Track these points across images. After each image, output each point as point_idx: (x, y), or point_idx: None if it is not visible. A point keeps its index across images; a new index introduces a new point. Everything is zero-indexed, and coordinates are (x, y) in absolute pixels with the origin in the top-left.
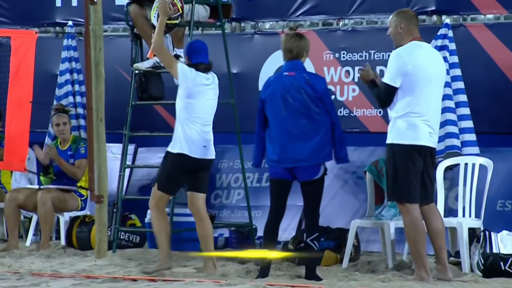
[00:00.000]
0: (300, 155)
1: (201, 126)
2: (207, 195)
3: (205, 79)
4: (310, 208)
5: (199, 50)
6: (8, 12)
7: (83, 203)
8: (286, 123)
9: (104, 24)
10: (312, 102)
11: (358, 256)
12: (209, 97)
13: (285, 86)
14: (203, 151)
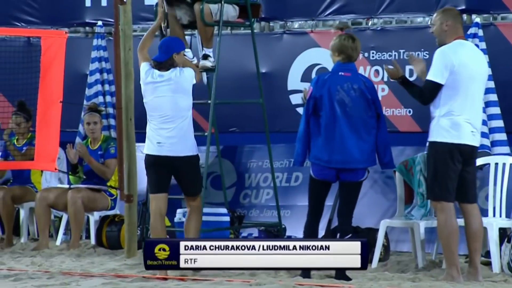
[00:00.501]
0: (352, 157)
1: (158, 123)
2: (236, 195)
3: (158, 77)
4: (346, 209)
5: (159, 48)
6: (38, 12)
7: (113, 202)
8: (340, 123)
9: (134, 24)
10: (367, 104)
11: (387, 256)
12: (160, 94)
13: (342, 86)
14: (157, 148)
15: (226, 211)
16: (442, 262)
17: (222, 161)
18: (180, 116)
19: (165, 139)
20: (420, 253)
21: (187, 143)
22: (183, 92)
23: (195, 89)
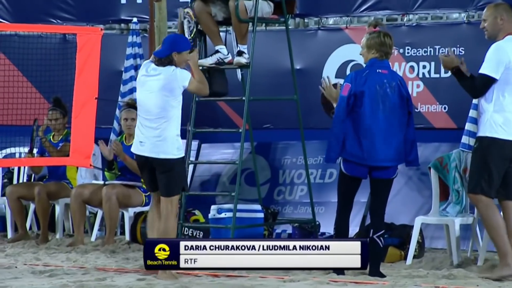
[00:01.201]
0: (388, 155)
1: (142, 119)
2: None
3: (152, 70)
4: (378, 205)
5: (163, 43)
6: (74, 9)
7: (147, 198)
8: (379, 121)
9: (168, 20)
10: (402, 102)
11: (422, 253)
12: (148, 89)
13: (381, 84)
14: (139, 147)
15: (260, 208)
16: (477, 259)
17: (256, 157)
18: (163, 116)
19: (146, 139)
20: (455, 250)
21: (167, 146)
22: (170, 91)
23: (230, 85)
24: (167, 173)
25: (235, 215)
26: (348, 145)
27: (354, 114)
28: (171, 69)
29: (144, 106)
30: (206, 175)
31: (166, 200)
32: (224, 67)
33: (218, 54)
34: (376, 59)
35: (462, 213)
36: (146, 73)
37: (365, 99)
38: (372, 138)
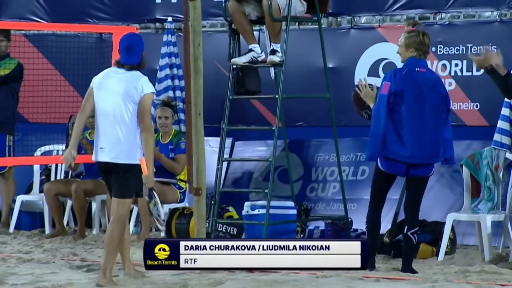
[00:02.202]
0: (427, 153)
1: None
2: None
3: (112, 72)
4: (413, 203)
5: (127, 49)
6: (110, 9)
7: (182, 195)
8: (419, 119)
9: (203, 20)
10: (442, 100)
11: (454, 249)
12: (112, 86)
13: (420, 82)
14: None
15: (293, 204)
16: (509, 256)
17: (289, 155)
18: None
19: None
20: (486, 246)
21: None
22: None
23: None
24: (117, 174)
25: (268, 211)
26: (389, 143)
27: (394, 113)
28: (130, 73)
29: (103, 107)
30: (240, 172)
31: (115, 200)
32: (257, 65)
33: (251, 53)
34: (414, 58)
35: (493, 210)
36: (109, 75)
37: (405, 97)
38: (413, 136)
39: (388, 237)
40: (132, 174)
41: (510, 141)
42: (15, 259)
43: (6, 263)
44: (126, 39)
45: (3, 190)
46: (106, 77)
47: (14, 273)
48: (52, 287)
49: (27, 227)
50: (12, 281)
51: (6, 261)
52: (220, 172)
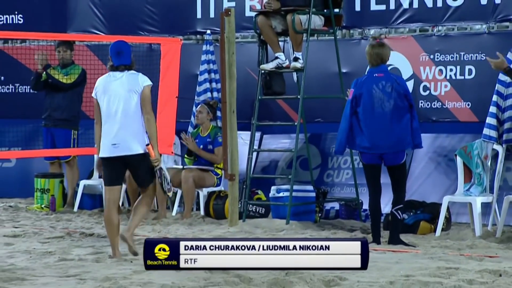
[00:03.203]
0: (389, 143)
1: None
2: (320, 174)
3: (111, 76)
4: (396, 187)
5: (118, 53)
6: (158, 23)
7: (219, 180)
8: (376, 116)
9: (236, 32)
10: (399, 98)
11: (449, 226)
12: (116, 89)
13: (377, 85)
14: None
15: (312, 188)
16: (496, 232)
17: (309, 146)
18: (125, 113)
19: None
20: (477, 224)
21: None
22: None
23: (287, 86)
24: (138, 167)
25: (291, 194)
26: (356, 138)
27: (357, 113)
28: (129, 73)
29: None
30: (267, 161)
31: (144, 190)
32: (282, 71)
33: (277, 60)
34: (372, 67)
35: (483, 193)
36: (110, 80)
37: (363, 99)
38: (372, 131)
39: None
40: (146, 161)
41: (497, 134)
42: (78, 234)
43: (71, 237)
44: (115, 46)
45: (68, 176)
46: (108, 83)
47: (78, 245)
48: (109, 257)
49: (88, 207)
50: (76, 252)
51: (71, 236)
52: (250, 161)
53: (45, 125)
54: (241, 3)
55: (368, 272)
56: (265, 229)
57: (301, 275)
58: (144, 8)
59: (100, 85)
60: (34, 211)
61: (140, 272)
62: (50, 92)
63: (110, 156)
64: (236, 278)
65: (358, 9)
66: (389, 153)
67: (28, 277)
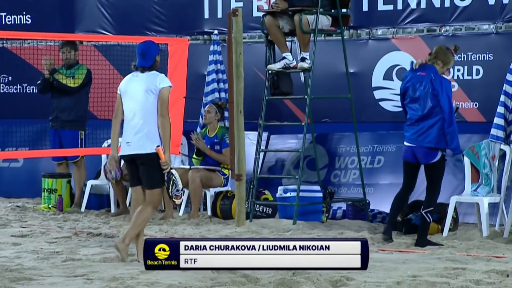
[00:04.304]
0: (419, 139)
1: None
2: (328, 174)
3: (133, 76)
4: (428, 186)
5: (142, 54)
6: (166, 23)
7: (226, 180)
8: (413, 112)
9: (244, 32)
10: (433, 98)
11: (456, 226)
12: (134, 88)
13: (415, 82)
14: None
15: (319, 188)
16: (504, 232)
17: (316, 146)
18: (143, 111)
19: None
20: (484, 224)
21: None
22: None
23: (295, 86)
24: (146, 166)
25: (298, 194)
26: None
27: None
28: (149, 73)
29: (130, 106)
30: (274, 161)
31: (147, 192)
32: (289, 71)
33: (284, 60)
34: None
35: (490, 193)
36: (130, 79)
37: (406, 95)
38: (408, 126)
39: (400, 216)
40: (156, 162)
41: (504, 134)
42: (86, 234)
43: (78, 237)
44: (140, 46)
45: (76, 176)
46: (129, 82)
47: (85, 245)
48: (116, 257)
49: (95, 207)
50: (83, 252)
51: (79, 236)
52: (257, 161)
53: (52, 126)
54: (248, 3)
55: (375, 272)
56: (272, 229)
57: (308, 275)
58: (151, 8)
59: (123, 83)
60: (42, 211)
61: (147, 272)
62: (57, 94)
63: (124, 154)
64: (243, 278)
65: (366, 9)
66: (420, 149)
67: (35, 277)
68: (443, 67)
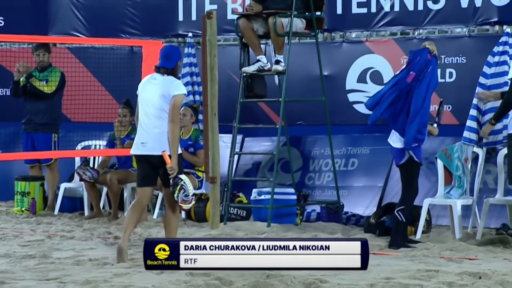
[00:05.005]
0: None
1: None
2: (302, 177)
3: (151, 78)
4: (402, 187)
5: (165, 56)
6: (140, 26)
7: (200, 183)
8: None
9: (218, 35)
10: (403, 96)
11: (429, 229)
12: (148, 90)
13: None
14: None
15: (293, 191)
16: (476, 234)
17: (290, 149)
18: (155, 113)
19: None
20: (457, 226)
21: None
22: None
23: (269, 89)
24: (159, 167)
25: (272, 197)
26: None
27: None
28: (165, 77)
29: (144, 106)
30: (249, 164)
31: (165, 190)
32: (264, 73)
33: (259, 63)
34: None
35: (463, 196)
36: (148, 81)
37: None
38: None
39: (374, 219)
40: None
41: (477, 137)
42: (59, 237)
43: (52, 240)
44: (166, 49)
45: (49, 179)
46: (146, 84)
47: (58, 248)
48: (90, 260)
49: (69, 210)
50: (56, 255)
51: (52, 239)
52: (232, 164)
53: (25, 129)
54: (223, 6)
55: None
56: (246, 232)
57: (282, 278)
58: (125, 10)
59: (141, 85)
60: (15, 214)
61: (121, 275)
62: (30, 97)
63: (137, 154)
64: (217, 281)
65: (340, 12)
66: (392, 151)
67: (8, 280)
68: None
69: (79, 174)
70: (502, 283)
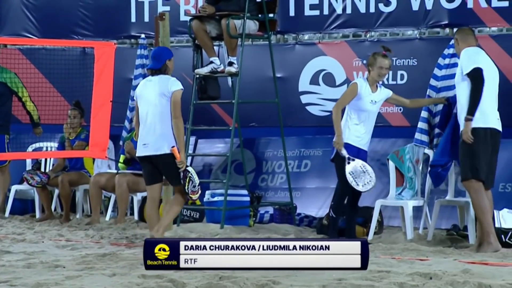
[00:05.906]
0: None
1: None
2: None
3: (147, 81)
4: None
5: (153, 57)
6: (92, 27)
7: None
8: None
9: (171, 36)
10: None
11: (381, 230)
12: (147, 91)
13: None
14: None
15: (247, 193)
16: (427, 235)
17: (243, 151)
18: (155, 113)
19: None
20: (409, 227)
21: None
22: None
23: (222, 91)
24: (164, 167)
25: (226, 198)
26: None
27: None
28: (161, 77)
29: (145, 109)
30: (202, 165)
31: (175, 188)
32: (217, 75)
33: (212, 64)
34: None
35: (414, 197)
36: (144, 83)
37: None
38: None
39: (326, 220)
40: (173, 162)
41: (428, 139)
42: (9, 239)
43: (2, 243)
44: (154, 50)
45: (0, 181)
46: (143, 87)
47: (9, 251)
48: (41, 263)
49: (20, 212)
50: (7, 258)
51: (2, 241)
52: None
53: None
54: (175, 7)
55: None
56: (199, 234)
57: (235, 279)
58: (77, 11)
59: (138, 88)
60: None
61: (73, 278)
62: None
63: (141, 156)
64: (170, 283)
65: (292, 14)
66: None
67: None
68: (370, 72)
69: (26, 179)
70: (453, 284)
